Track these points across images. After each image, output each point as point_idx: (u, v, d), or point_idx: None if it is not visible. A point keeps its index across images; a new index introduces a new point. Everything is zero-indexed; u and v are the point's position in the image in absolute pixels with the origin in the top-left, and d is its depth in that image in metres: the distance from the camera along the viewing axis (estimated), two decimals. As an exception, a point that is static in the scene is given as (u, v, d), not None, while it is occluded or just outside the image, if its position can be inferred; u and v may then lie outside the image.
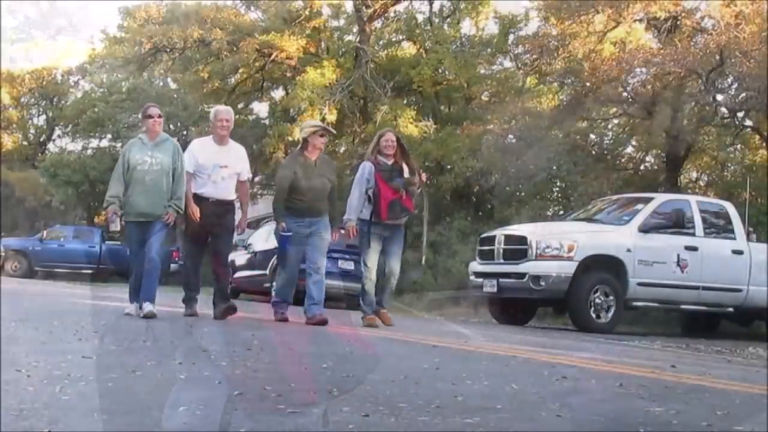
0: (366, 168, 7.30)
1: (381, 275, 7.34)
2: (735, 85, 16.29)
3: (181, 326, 5.64)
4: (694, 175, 21.20)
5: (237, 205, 7.21)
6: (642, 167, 20.20)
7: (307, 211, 6.94)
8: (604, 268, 9.93)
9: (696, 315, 11.54)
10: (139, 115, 7.29)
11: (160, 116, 6.76)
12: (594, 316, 9.78)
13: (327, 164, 7.24)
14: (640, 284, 10.01)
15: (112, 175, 6.74)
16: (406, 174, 7.28)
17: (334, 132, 7.08)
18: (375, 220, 7.19)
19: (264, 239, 16.00)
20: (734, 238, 10.79)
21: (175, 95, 26.49)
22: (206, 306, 6.86)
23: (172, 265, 23.37)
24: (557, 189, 19.14)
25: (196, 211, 6.80)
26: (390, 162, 7.29)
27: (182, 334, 4.93)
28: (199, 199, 6.79)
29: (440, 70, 20.81)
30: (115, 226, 6.58)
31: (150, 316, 6.08)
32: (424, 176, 7.66)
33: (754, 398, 3.39)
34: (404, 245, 7.55)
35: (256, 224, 21.00)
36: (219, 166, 6.82)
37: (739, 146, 19.02)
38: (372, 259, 7.25)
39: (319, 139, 7.01)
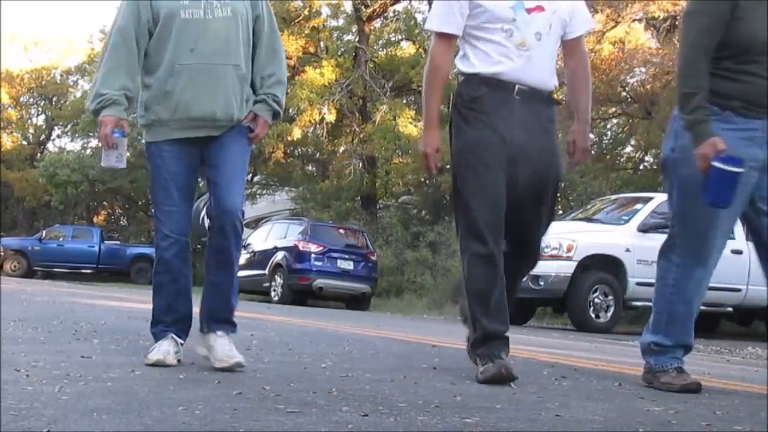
0: None
1: None
2: (734, 85, 16.32)
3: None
4: (693, 174, 21.21)
5: None
6: (641, 167, 20.21)
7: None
8: (603, 268, 9.97)
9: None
10: None
11: None
12: (593, 315, 9.81)
13: None
14: (639, 284, 10.02)
15: (111, 45, 3.06)
16: None
17: None
18: None
19: (263, 239, 16.02)
20: (733, 238, 10.78)
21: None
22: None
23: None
24: (556, 189, 19.14)
25: (432, 142, 3.43)
26: None
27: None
28: (487, 85, 3.22)
29: (439, 70, 20.80)
30: (120, 160, 3.05)
31: (236, 367, 3.10)
32: None
33: (754, 398, 3.39)
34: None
35: (255, 224, 21.01)
36: (525, 8, 3.20)
37: (738, 146, 19.04)
38: None
39: None
